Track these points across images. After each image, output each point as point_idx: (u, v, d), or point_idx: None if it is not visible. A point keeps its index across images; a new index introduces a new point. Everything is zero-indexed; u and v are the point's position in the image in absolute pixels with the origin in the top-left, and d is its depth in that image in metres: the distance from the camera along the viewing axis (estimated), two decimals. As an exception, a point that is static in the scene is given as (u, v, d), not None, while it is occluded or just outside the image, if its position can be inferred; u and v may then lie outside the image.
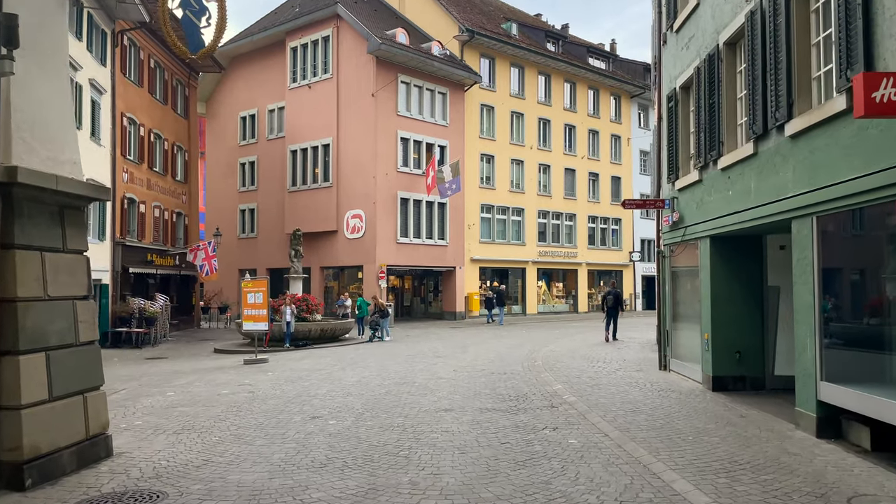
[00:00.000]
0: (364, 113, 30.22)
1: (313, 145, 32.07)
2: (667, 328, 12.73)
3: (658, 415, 8.93)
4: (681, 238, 11.59)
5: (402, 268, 31.52)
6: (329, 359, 16.94)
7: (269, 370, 14.99)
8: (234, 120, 36.88)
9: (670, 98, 11.99)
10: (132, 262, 24.94)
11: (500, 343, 20.22)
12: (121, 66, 24.42)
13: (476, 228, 34.05)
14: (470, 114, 34.06)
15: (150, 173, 27.12)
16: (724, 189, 9.62)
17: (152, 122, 27.35)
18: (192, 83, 32.09)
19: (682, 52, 11.50)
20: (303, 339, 20.67)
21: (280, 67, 33.98)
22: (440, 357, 16.60)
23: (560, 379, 12.35)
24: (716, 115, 9.78)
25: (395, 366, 14.99)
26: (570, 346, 18.96)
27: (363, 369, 14.51)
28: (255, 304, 16.91)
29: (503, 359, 15.90)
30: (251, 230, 35.70)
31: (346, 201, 30.82)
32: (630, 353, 16.78)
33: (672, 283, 12.69)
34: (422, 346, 19.54)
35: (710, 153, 9.95)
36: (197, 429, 8.77)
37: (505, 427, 8.41)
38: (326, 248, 31.77)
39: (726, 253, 10.31)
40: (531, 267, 36.65)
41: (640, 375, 12.53)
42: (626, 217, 42.31)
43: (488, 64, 35.31)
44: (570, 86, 39.41)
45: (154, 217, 27.48)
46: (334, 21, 31.52)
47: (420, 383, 12.26)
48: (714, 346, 10.38)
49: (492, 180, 35.06)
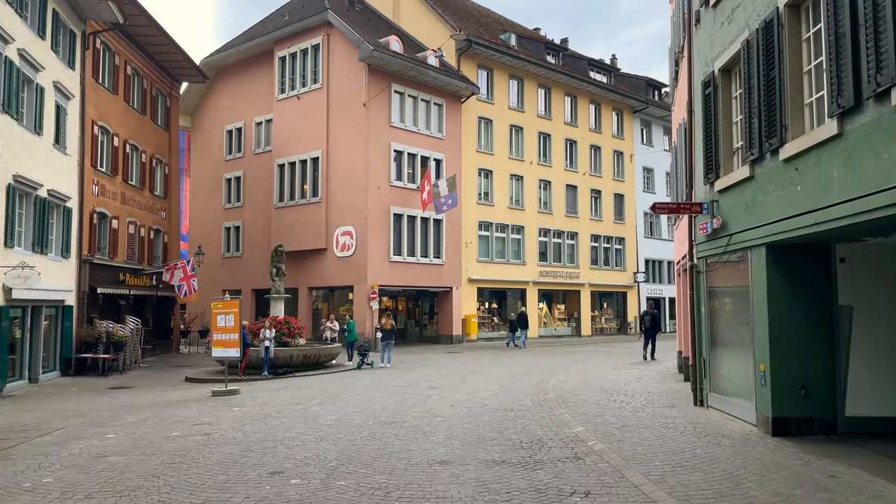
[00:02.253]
0: (355, 124, 28.46)
1: (301, 159, 30.25)
2: (703, 357, 10.75)
3: (718, 472, 6.92)
4: (723, 249, 9.68)
5: (395, 288, 29.52)
6: (309, 390, 14.89)
7: (237, 404, 12.94)
8: (219, 134, 35.10)
9: (706, 84, 10.16)
10: (102, 281, 22.89)
11: (502, 371, 18.18)
12: (92, 70, 22.59)
13: (474, 247, 32.14)
14: (467, 126, 32.35)
15: (125, 187, 25.17)
16: (789, 184, 7.75)
17: (128, 132, 25.47)
18: (173, 93, 30.31)
19: (721, 28, 9.71)
20: (283, 366, 18.60)
21: (268, 78, 32.30)
22: (436, 388, 14.57)
23: (579, 418, 10.33)
24: (775, 94, 7.93)
25: (384, 399, 12.95)
26: (581, 374, 16.94)
27: (345, 403, 12.46)
28: (225, 327, 14.88)
29: (508, 391, 13.87)
30: (236, 249, 33.72)
31: (336, 217, 28.92)
32: (652, 383, 14.76)
33: (709, 304, 10.74)
34: (415, 375, 17.49)
35: (769, 141, 8.08)
36: (118, 491, 6.73)
37: (521, 491, 6.40)
38: (315, 268, 29.78)
39: (788, 265, 8.40)
40: (532, 288, 34.67)
41: (673, 413, 10.52)
42: (630, 236, 40.51)
43: (486, 75, 33.70)
44: (571, 99, 37.82)
45: (128, 233, 25.46)
46: (325, 29, 29.90)
47: (411, 423, 10.22)
48: (773, 380, 8.41)
49: (490, 196, 33.23)
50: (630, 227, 40.58)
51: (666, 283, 42.76)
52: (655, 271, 42.41)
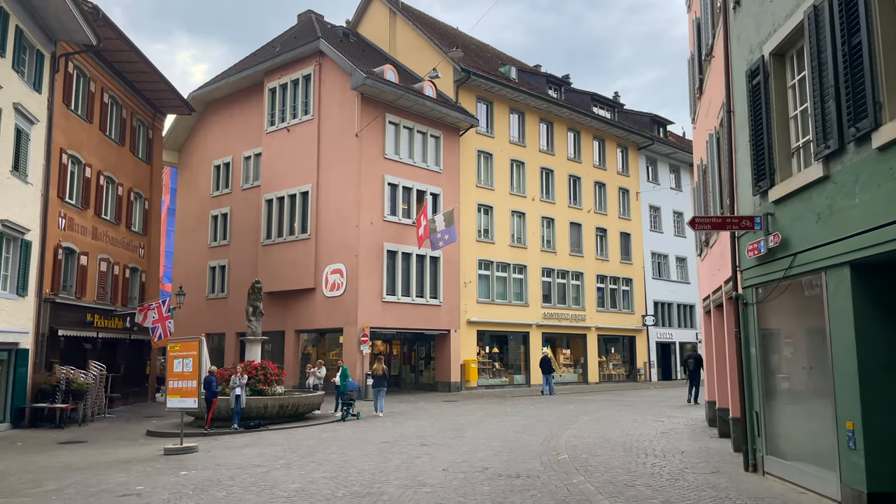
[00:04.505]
0: (347, 156, 26.80)
1: (291, 193, 28.51)
2: (755, 410, 8.65)
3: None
4: (784, 273, 7.70)
5: (388, 330, 27.36)
6: (279, 447, 12.68)
7: (188, 466, 10.76)
8: (206, 169, 33.48)
9: (753, 73, 8.35)
10: (66, 323, 20.81)
11: (505, 424, 15.93)
12: (63, 95, 21.00)
13: (473, 286, 30.10)
14: (466, 160, 30.72)
15: (98, 221, 23.32)
16: (888, 180, 5.84)
17: (103, 163, 23.75)
18: (156, 125, 28.76)
19: (772, 4, 7.96)
20: (256, 417, 16.39)
21: (257, 111, 30.85)
22: (427, 445, 12.37)
23: (605, 488, 8.18)
24: (861, 64, 6.09)
25: (363, 460, 10.77)
26: (596, 428, 14.70)
27: (316, 467, 10.27)
28: (182, 373, 12.78)
29: (513, 449, 11.66)
30: (221, 290, 31.69)
31: (326, 255, 26.99)
32: (683, 440, 12.55)
33: (762, 343, 8.69)
34: (406, 428, 15.26)
35: (855, 126, 6.19)
36: None
37: None
38: (303, 309, 27.70)
39: (883, 289, 6.43)
40: (535, 331, 32.48)
41: (722, 483, 8.36)
42: (638, 277, 38.50)
43: (486, 109, 32.25)
44: (574, 135, 36.33)
45: (100, 271, 23.48)
46: (316, 58, 28.55)
47: (390, 496, 8.06)
48: (868, 442, 6.34)
49: (490, 233, 31.37)
50: (637, 267, 38.63)
51: (676, 328, 40.59)
52: (665, 314, 40.24)
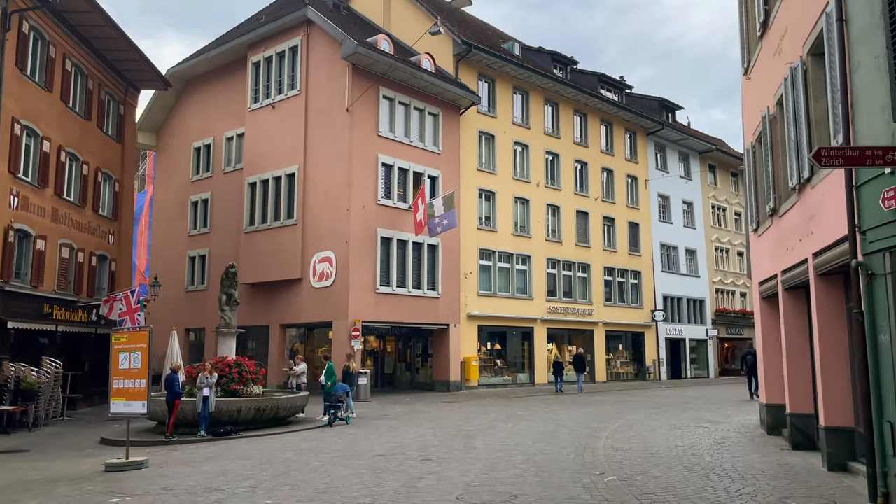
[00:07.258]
0: (337, 133, 24.39)
1: (276, 175, 26.07)
2: (888, 419, 6.34)
3: None
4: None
5: (382, 325, 24.96)
6: (249, 461, 10.29)
7: (124, 490, 8.37)
8: (186, 152, 30.98)
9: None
10: (19, 314, 18.36)
11: (519, 430, 13.55)
12: (17, 58, 18.54)
13: (474, 278, 27.74)
14: (466, 141, 28.34)
15: (59, 202, 20.83)
16: None
17: (65, 138, 21.24)
18: (129, 100, 26.23)
19: None
20: (228, 423, 14.00)
21: (240, 88, 28.37)
22: (431, 460, 10.00)
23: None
24: None
25: (350, 483, 8.39)
26: (634, 436, 12.35)
27: (289, 493, 7.89)
28: (129, 370, 10.36)
29: (541, 466, 9.30)
30: (201, 281, 29.23)
31: (314, 242, 24.58)
32: (746, 451, 10.22)
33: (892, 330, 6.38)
34: (403, 436, 12.88)
35: None
36: None
37: None
38: (289, 301, 25.29)
39: None
40: (540, 326, 30.16)
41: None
42: (647, 270, 36.21)
43: (487, 87, 29.89)
44: (581, 117, 34.01)
45: (61, 258, 20.99)
46: (304, 28, 26.12)
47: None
48: None
49: (492, 221, 29.01)
50: (646, 259, 36.35)
51: (686, 324, 38.35)
52: (674, 309, 37.99)
